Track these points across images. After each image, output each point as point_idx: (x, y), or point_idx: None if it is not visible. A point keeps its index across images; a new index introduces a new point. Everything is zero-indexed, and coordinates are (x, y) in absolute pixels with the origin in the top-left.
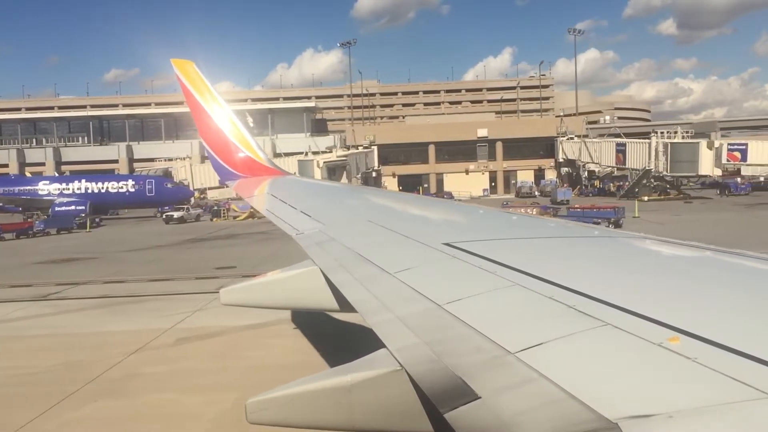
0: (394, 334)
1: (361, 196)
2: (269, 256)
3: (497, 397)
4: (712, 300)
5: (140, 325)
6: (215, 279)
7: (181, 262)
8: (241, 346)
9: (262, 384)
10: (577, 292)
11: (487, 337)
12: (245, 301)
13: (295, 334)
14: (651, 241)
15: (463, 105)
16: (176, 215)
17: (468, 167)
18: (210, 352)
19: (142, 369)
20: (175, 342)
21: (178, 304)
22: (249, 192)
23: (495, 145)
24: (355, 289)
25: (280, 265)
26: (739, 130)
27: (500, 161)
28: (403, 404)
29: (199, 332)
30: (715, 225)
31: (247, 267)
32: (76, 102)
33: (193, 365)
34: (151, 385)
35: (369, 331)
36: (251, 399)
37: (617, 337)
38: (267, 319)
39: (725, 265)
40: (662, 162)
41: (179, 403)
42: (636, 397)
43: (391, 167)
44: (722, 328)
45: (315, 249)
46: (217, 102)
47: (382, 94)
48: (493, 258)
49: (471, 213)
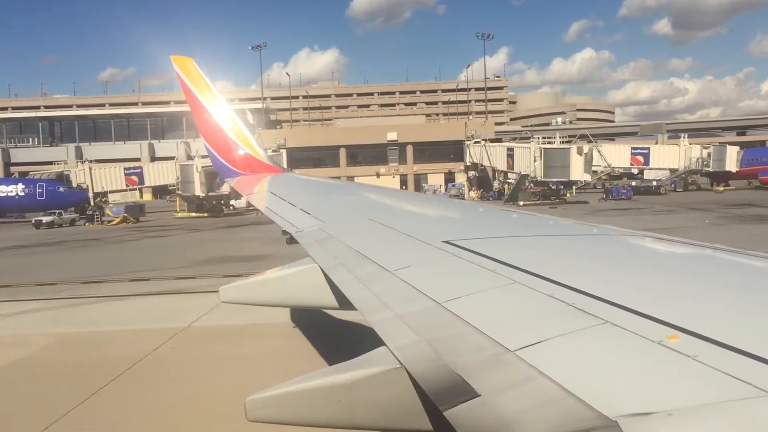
0: (394, 332)
1: (361, 193)
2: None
3: (497, 395)
4: (711, 298)
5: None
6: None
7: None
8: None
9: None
10: (577, 290)
11: (486, 335)
12: (244, 299)
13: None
14: (651, 239)
15: (418, 106)
16: (45, 220)
17: (379, 170)
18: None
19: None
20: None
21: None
22: (248, 189)
23: (406, 148)
24: (354, 287)
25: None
26: (689, 132)
27: (411, 164)
28: (402, 402)
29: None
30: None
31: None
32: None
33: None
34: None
35: (368, 329)
36: (250, 397)
37: (617, 335)
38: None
39: (725, 263)
40: (539, 167)
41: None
42: (635, 395)
43: (303, 170)
44: (722, 326)
45: (314, 247)
46: (217, 99)
47: (337, 96)
48: (493, 256)
49: (470, 211)
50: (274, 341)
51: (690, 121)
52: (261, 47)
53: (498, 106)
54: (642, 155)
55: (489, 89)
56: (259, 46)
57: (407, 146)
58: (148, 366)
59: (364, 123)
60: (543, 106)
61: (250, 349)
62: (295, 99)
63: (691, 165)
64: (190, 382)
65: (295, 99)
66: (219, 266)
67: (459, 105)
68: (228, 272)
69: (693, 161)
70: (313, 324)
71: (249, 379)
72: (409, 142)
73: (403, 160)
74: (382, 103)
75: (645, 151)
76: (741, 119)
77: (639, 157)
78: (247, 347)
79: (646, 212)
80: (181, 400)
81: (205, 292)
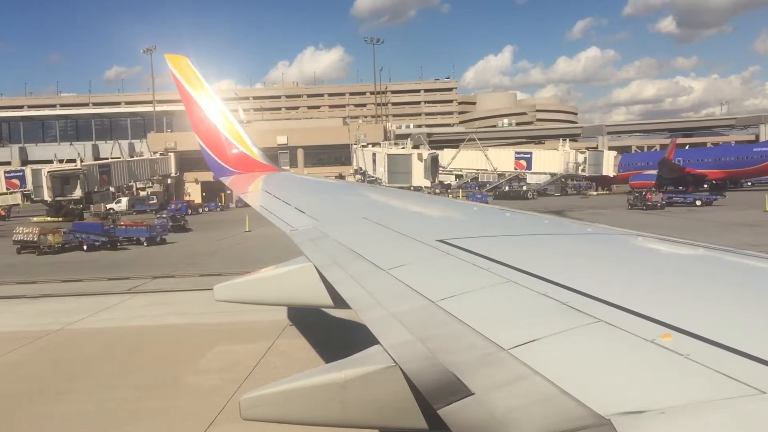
0: (388, 330)
1: (356, 192)
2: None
3: (490, 394)
4: (704, 297)
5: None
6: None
7: None
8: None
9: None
10: (571, 288)
11: (480, 333)
12: (239, 298)
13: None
14: (644, 238)
15: (368, 107)
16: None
17: None
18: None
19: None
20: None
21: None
22: (243, 188)
23: (296, 151)
24: (349, 286)
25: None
26: (629, 134)
27: (301, 168)
28: (396, 400)
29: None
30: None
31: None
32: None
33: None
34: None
35: (364, 327)
36: (245, 396)
37: (610, 334)
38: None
39: (718, 262)
40: (384, 173)
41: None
42: (628, 394)
43: (195, 174)
44: (715, 325)
45: (309, 245)
46: (211, 98)
47: (287, 97)
48: (487, 255)
49: (465, 210)
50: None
51: (633, 123)
52: (151, 50)
53: (447, 108)
54: (525, 159)
55: (438, 90)
56: (149, 50)
57: (297, 149)
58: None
59: (264, 127)
60: (502, 107)
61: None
62: (245, 100)
63: (569, 169)
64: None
65: (245, 100)
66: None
67: (409, 106)
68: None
69: (570, 166)
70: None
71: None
72: (300, 145)
73: (294, 163)
74: (331, 104)
75: (528, 156)
76: (686, 121)
77: (522, 161)
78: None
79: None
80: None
81: None
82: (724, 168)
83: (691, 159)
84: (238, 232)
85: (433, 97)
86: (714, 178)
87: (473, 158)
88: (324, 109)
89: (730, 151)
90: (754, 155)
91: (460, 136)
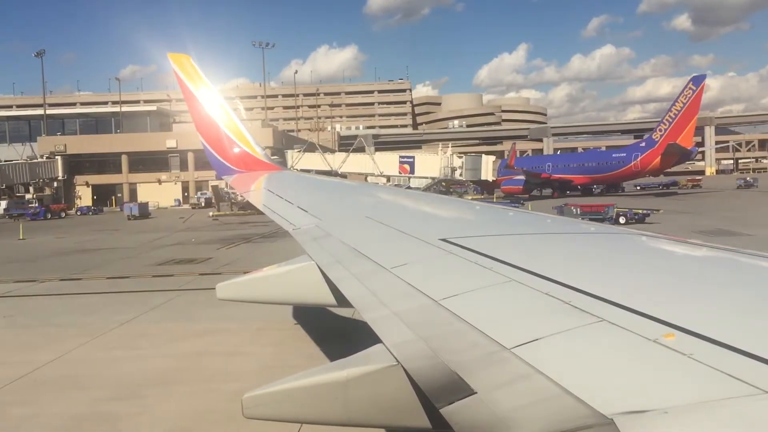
0: (391, 329)
1: (359, 191)
2: None
3: (493, 393)
4: (707, 297)
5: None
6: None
7: None
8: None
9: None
10: (573, 288)
11: (483, 332)
12: (241, 296)
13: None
14: (647, 237)
15: (322, 109)
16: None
17: (160, 177)
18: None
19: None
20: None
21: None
22: (246, 187)
23: (187, 155)
24: (351, 285)
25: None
26: (575, 135)
27: (191, 171)
28: (399, 399)
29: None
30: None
31: None
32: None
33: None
34: None
35: (366, 325)
36: (247, 394)
37: (613, 333)
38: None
39: (720, 261)
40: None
41: None
42: (631, 393)
43: (85, 177)
44: (717, 325)
45: (312, 244)
46: (214, 96)
47: (242, 98)
48: (489, 254)
49: (468, 209)
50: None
51: (577, 124)
52: (40, 54)
53: (401, 109)
54: (408, 164)
55: (391, 92)
56: (39, 54)
57: (188, 153)
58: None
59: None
60: (467, 107)
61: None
62: (167, 102)
63: (447, 174)
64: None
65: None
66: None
67: (362, 107)
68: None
69: (448, 170)
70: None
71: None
72: (190, 149)
73: (185, 167)
74: (285, 106)
75: (411, 160)
76: (634, 122)
77: (406, 165)
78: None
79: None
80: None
81: None
82: (587, 173)
83: (560, 164)
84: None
85: (387, 98)
86: (579, 183)
87: (362, 162)
88: (278, 110)
89: (592, 157)
90: (613, 161)
91: (407, 137)
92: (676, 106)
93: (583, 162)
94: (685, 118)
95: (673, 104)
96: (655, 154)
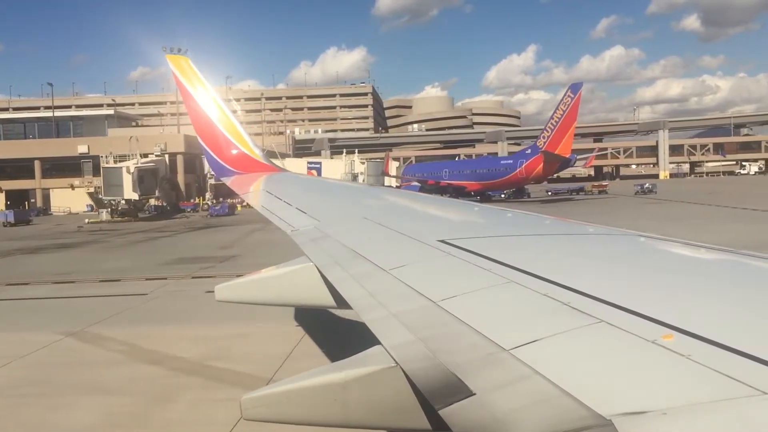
0: (389, 330)
1: (357, 193)
2: None
3: (492, 394)
4: (706, 297)
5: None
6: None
7: None
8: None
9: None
10: (572, 289)
11: (481, 334)
12: (240, 298)
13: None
14: (646, 238)
15: (284, 112)
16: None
17: (73, 183)
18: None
19: None
20: None
21: None
22: (244, 188)
23: (99, 160)
24: (350, 286)
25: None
26: (530, 139)
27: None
28: (398, 401)
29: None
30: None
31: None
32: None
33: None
34: None
35: (365, 327)
36: (246, 396)
37: (611, 335)
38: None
39: (719, 262)
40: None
41: None
42: (630, 394)
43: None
44: (716, 326)
45: (310, 246)
46: (212, 98)
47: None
48: (488, 255)
49: (466, 210)
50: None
51: (531, 128)
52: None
53: (363, 112)
54: (316, 169)
55: (353, 95)
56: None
57: (101, 158)
58: None
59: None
60: (438, 110)
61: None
62: (161, 105)
63: (350, 179)
64: None
65: (161, 105)
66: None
67: (325, 111)
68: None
69: (350, 176)
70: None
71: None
72: (102, 154)
73: (97, 172)
74: (248, 109)
75: (318, 165)
76: (595, 126)
77: (314, 170)
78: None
79: (179, 232)
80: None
81: None
82: (479, 180)
83: (455, 171)
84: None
85: (349, 101)
86: (472, 189)
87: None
88: (239, 113)
89: (483, 164)
90: (501, 167)
91: (365, 140)
92: (557, 114)
93: (476, 168)
94: (565, 125)
95: (554, 112)
96: (538, 161)
